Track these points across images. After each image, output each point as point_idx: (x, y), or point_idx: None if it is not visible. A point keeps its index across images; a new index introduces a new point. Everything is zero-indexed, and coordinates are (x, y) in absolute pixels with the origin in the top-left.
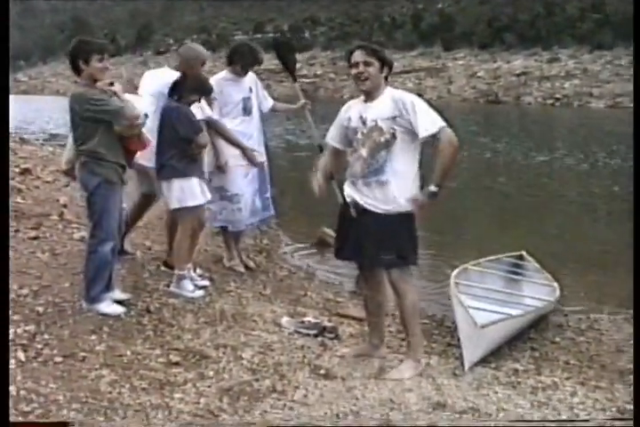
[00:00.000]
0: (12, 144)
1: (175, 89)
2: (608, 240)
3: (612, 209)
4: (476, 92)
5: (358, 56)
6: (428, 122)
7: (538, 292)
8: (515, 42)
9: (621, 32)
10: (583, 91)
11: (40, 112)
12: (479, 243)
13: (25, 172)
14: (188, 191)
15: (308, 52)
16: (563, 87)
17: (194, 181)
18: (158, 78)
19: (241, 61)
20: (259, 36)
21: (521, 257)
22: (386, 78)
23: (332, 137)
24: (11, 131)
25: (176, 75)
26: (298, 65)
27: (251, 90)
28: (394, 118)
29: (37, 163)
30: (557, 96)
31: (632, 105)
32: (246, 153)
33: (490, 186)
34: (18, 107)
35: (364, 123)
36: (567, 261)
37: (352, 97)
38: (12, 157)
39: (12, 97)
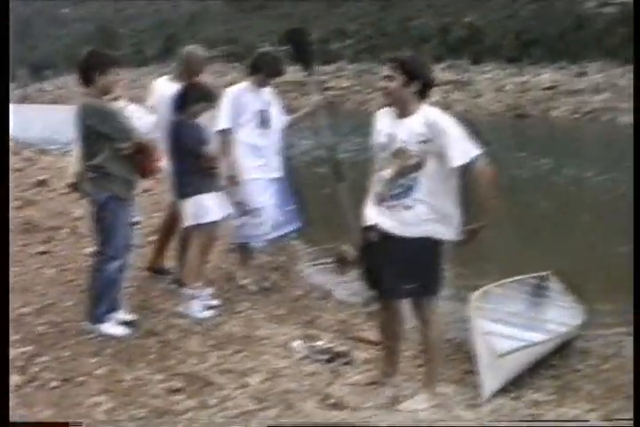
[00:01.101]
0: (31, 154)
1: (178, 101)
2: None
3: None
4: (504, 106)
5: (385, 70)
6: (461, 150)
7: (562, 315)
8: (542, 55)
9: None
10: (611, 105)
11: (66, 122)
12: (504, 262)
13: (41, 183)
14: (204, 207)
15: (335, 64)
16: (590, 101)
17: (208, 197)
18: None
19: (263, 71)
20: (285, 47)
21: (547, 278)
22: (422, 95)
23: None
24: (34, 141)
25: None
26: (325, 77)
27: (270, 104)
28: (425, 142)
29: (55, 174)
30: (585, 110)
31: None
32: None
33: (516, 202)
34: (44, 116)
35: (392, 141)
36: (596, 283)
37: (375, 110)
38: (28, 169)
39: (37, 106)
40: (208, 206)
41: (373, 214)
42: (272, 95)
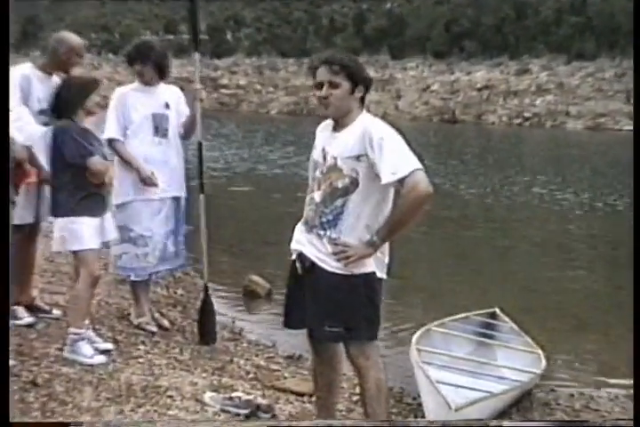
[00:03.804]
0: None
1: (55, 103)
2: (598, 293)
3: (597, 255)
4: (430, 109)
5: (322, 74)
6: (393, 165)
7: (517, 360)
8: (476, 50)
9: (605, 39)
10: (558, 109)
11: None
12: (442, 298)
13: None
14: (74, 233)
15: (229, 58)
16: (533, 104)
17: (84, 220)
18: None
19: (143, 63)
20: (170, 37)
21: (493, 315)
22: (362, 100)
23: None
24: None
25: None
26: (218, 73)
27: (167, 106)
28: (357, 158)
29: None
30: (527, 115)
31: (617, 127)
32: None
33: (446, 226)
34: None
35: (324, 158)
36: (549, 321)
37: (279, 112)
38: None
39: None
40: (80, 231)
41: (301, 241)
42: (172, 95)
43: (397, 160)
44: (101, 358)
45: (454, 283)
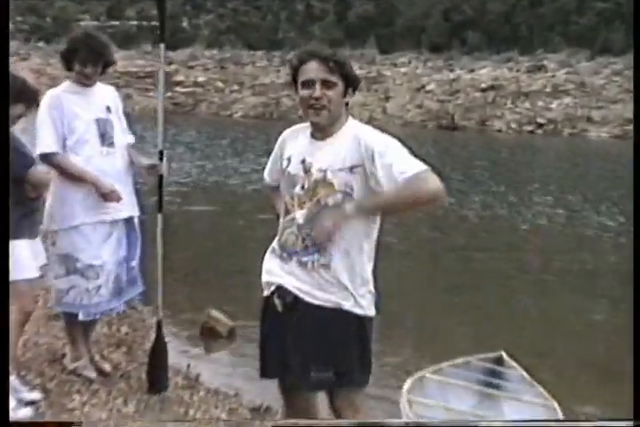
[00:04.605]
0: None
1: None
2: (625, 334)
3: (628, 290)
4: (424, 114)
5: (314, 71)
6: (403, 165)
7: (528, 415)
8: (481, 42)
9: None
10: (578, 114)
11: None
12: (439, 338)
13: None
14: (15, 259)
15: (185, 50)
16: (549, 108)
17: (22, 245)
18: None
19: (83, 60)
20: (115, 23)
21: (499, 360)
22: (346, 105)
23: (269, 173)
24: None
25: None
26: (172, 67)
27: (109, 109)
28: (351, 169)
29: None
30: (540, 121)
31: None
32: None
33: (447, 254)
34: None
35: (306, 171)
36: (567, 367)
37: (244, 115)
38: None
39: None
40: (19, 257)
41: (277, 272)
42: (109, 96)
43: (404, 162)
44: (27, 412)
45: (454, 321)
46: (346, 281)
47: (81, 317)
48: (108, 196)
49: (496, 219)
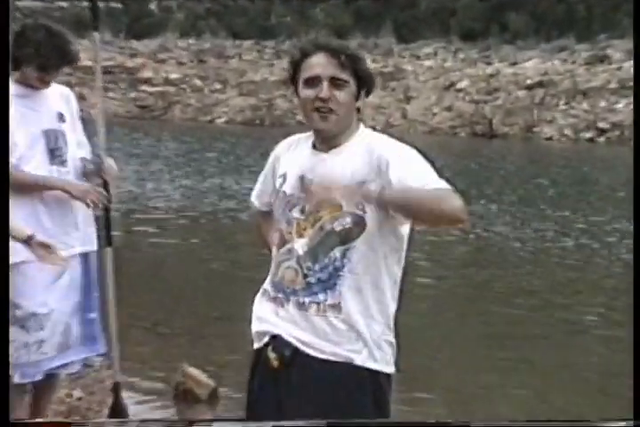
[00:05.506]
0: None
1: None
2: None
3: None
4: (455, 118)
5: (322, 66)
6: (423, 179)
7: None
8: (526, 28)
9: None
10: None
11: None
12: (469, 400)
13: None
14: None
15: (154, 40)
16: (613, 109)
17: None
18: None
19: (42, 66)
20: (64, 4)
21: None
22: (358, 110)
23: (258, 196)
24: None
25: None
26: (137, 61)
27: (61, 117)
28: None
29: None
30: (603, 126)
31: None
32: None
33: (478, 297)
34: None
35: (306, 190)
36: None
37: (229, 121)
38: None
39: None
40: None
41: (270, 318)
42: (61, 100)
43: (424, 178)
44: None
45: (486, 380)
46: (361, 327)
47: (16, 379)
48: (89, 195)
49: (541, 251)
